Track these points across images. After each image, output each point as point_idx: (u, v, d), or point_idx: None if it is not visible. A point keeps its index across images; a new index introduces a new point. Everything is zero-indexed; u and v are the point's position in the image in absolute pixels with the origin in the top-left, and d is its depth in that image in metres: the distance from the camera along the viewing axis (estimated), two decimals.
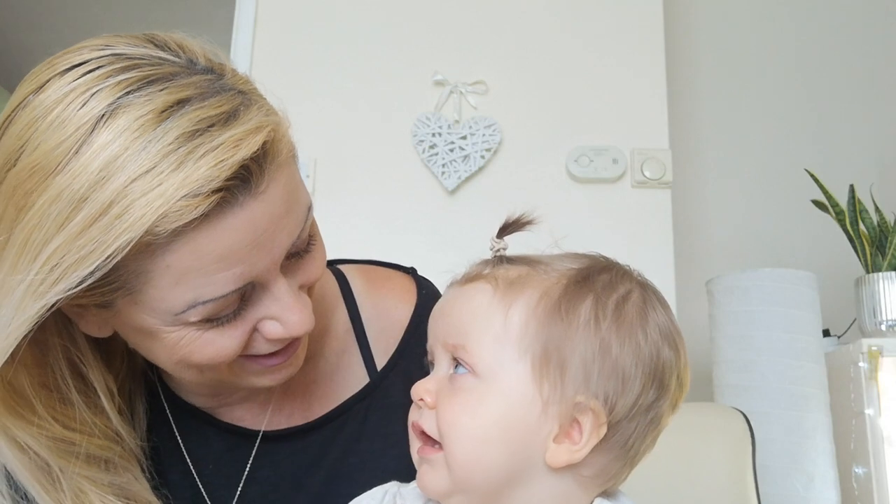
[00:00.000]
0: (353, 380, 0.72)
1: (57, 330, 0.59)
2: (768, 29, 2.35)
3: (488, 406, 0.53)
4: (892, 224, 1.77)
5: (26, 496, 0.61)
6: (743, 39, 2.34)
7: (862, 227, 1.79)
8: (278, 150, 0.54)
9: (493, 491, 0.53)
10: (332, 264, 0.77)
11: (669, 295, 1.81)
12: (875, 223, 1.79)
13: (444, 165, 1.87)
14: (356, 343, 0.73)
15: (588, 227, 1.85)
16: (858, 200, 1.80)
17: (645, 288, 0.58)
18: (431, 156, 1.88)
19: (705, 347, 1.75)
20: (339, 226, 1.80)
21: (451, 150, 1.88)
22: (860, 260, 1.80)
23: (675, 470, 1.13)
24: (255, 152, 0.51)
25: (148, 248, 0.49)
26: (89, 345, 0.62)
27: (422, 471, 0.55)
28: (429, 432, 0.54)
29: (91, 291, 0.51)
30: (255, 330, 0.57)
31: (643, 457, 0.58)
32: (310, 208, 0.58)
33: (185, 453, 0.69)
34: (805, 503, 1.47)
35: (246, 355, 0.58)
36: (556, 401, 0.52)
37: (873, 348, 1.63)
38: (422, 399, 0.55)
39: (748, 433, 1.18)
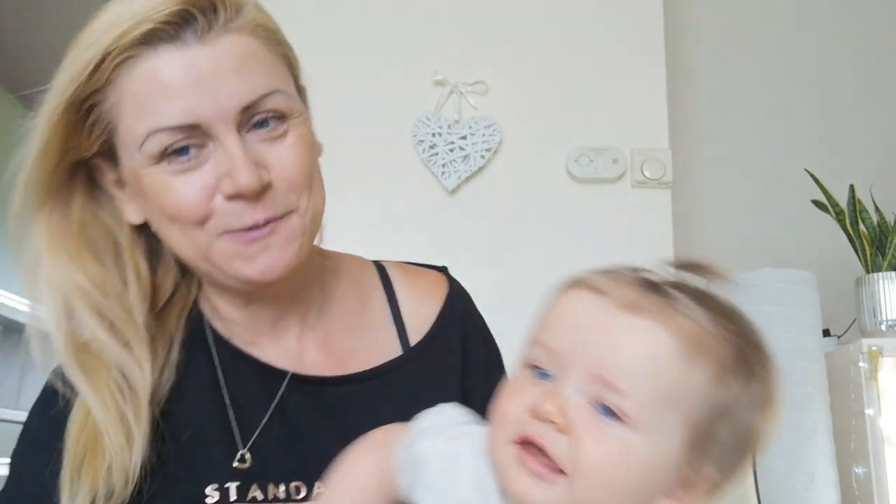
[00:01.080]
0: (388, 350, 0.78)
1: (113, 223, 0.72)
2: (768, 29, 2.35)
3: (635, 460, 0.50)
4: (892, 224, 1.77)
5: None
6: (743, 39, 2.34)
7: (862, 227, 1.79)
8: (241, 22, 0.66)
9: None
10: (373, 263, 0.87)
11: None
12: (875, 223, 1.79)
13: (444, 165, 1.87)
14: (392, 321, 0.80)
15: (588, 227, 1.85)
16: (858, 200, 1.80)
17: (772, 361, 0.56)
18: (431, 156, 1.88)
19: None
20: (339, 225, 1.80)
21: (451, 150, 1.88)
22: (860, 260, 1.80)
23: None
24: (200, 4, 0.63)
25: (112, 71, 0.63)
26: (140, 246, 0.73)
27: (530, 483, 0.51)
28: (556, 459, 0.50)
29: (93, 132, 0.66)
30: (216, 194, 0.65)
31: None
32: (279, 92, 0.67)
33: (220, 379, 0.73)
34: (805, 503, 1.47)
35: (225, 232, 0.65)
36: (692, 468, 0.52)
37: (873, 348, 1.63)
38: (550, 420, 0.51)
39: None
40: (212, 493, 0.68)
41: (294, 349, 0.77)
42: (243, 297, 0.74)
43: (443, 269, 0.87)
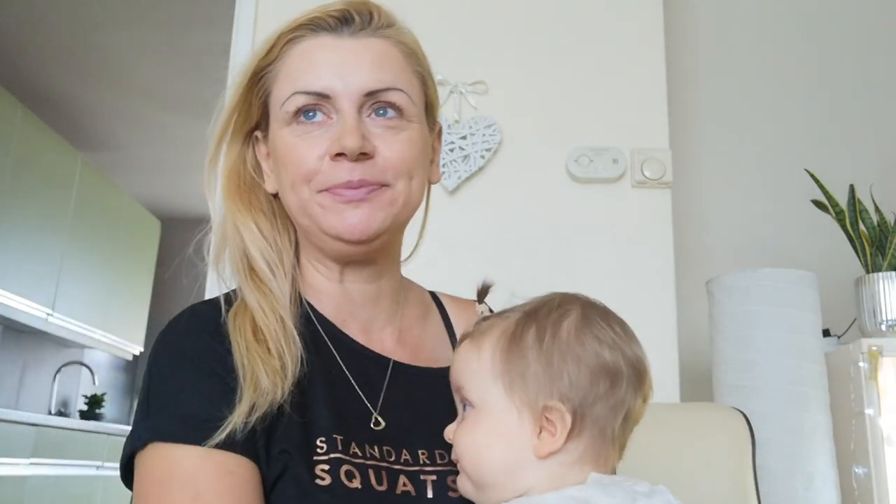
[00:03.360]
0: (446, 357, 0.87)
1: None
2: (768, 29, 2.35)
3: (482, 424, 0.71)
4: (892, 224, 1.77)
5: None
6: (743, 39, 2.34)
7: (862, 227, 1.79)
8: (389, 32, 0.81)
9: (500, 483, 0.69)
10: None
11: (669, 295, 1.81)
12: (875, 223, 1.79)
13: (444, 165, 1.87)
14: (446, 333, 0.92)
15: (588, 227, 1.85)
16: (858, 200, 1.80)
17: (586, 308, 0.73)
18: None
19: (705, 347, 1.75)
20: None
21: (451, 150, 1.88)
22: (860, 260, 1.80)
23: (675, 470, 1.13)
24: (360, 10, 0.79)
25: (282, 49, 0.80)
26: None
27: (458, 478, 0.74)
28: (453, 458, 0.74)
29: (258, 97, 0.82)
30: (326, 156, 0.76)
31: (627, 438, 0.73)
32: (401, 91, 0.79)
33: (330, 346, 0.81)
34: (805, 503, 1.47)
35: (324, 189, 0.76)
36: (526, 407, 0.69)
37: (873, 348, 1.63)
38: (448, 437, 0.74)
39: (748, 433, 1.18)
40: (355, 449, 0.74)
41: (376, 336, 0.85)
42: (337, 269, 0.83)
43: (477, 299, 0.94)
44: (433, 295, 0.96)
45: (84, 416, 4.70)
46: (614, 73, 1.95)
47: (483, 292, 0.84)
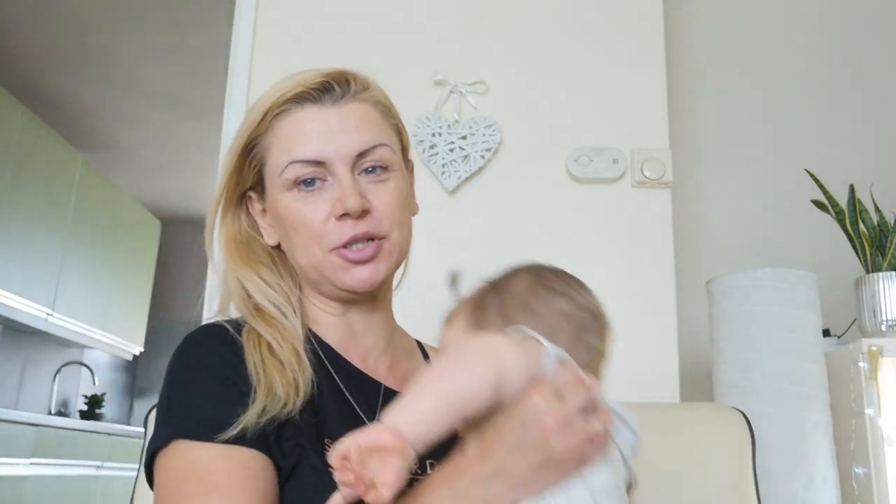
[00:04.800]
0: None
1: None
2: (768, 29, 2.35)
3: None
4: (892, 224, 1.77)
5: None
6: (743, 39, 2.34)
7: (862, 227, 1.79)
8: (365, 95, 0.90)
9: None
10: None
11: (669, 295, 1.81)
12: (875, 223, 1.79)
13: (444, 165, 1.87)
14: None
15: (588, 227, 1.85)
16: (858, 200, 1.80)
17: (539, 267, 0.79)
18: (431, 156, 1.88)
19: (705, 347, 1.75)
20: None
21: (451, 150, 1.88)
22: (860, 260, 1.80)
23: (675, 470, 1.13)
24: (338, 79, 0.89)
25: (271, 121, 0.87)
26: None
27: None
28: None
29: (251, 166, 0.90)
30: (331, 217, 0.85)
31: (598, 376, 0.74)
32: (384, 146, 0.88)
33: (329, 367, 0.88)
34: (805, 503, 1.47)
35: (335, 248, 0.85)
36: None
37: (873, 348, 1.63)
38: None
39: (748, 433, 1.18)
40: None
41: (372, 364, 0.93)
42: (339, 306, 0.92)
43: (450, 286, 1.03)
44: (417, 342, 1.05)
45: (84, 416, 4.70)
46: (614, 73, 1.95)
47: (453, 281, 0.86)
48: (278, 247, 0.93)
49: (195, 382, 0.80)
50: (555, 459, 0.63)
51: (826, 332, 1.82)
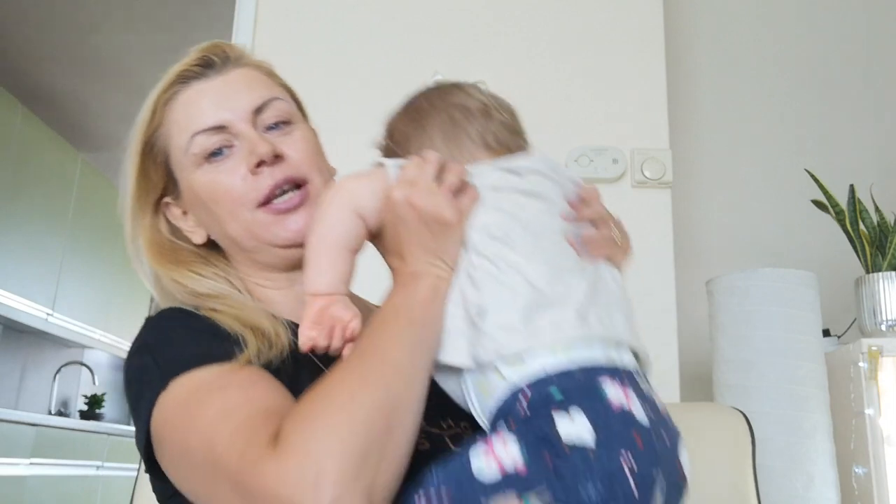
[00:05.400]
0: None
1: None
2: (768, 29, 2.35)
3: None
4: (892, 224, 1.77)
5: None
6: (743, 39, 2.34)
7: (862, 227, 1.79)
8: (245, 61, 0.91)
9: None
10: None
11: (669, 295, 1.81)
12: (875, 223, 1.79)
13: None
14: None
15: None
16: (858, 200, 1.80)
17: (444, 83, 0.87)
18: None
19: (705, 347, 1.75)
20: None
21: None
22: (860, 260, 1.80)
23: None
24: (215, 52, 0.89)
25: (163, 111, 0.87)
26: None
27: None
28: None
29: (157, 162, 0.88)
30: (247, 174, 0.84)
31: (507, 140, 0.83)
32: (279, 99, 0.90)
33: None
34: (805, 503, 1.47)
35: (263, 205, 0.84)
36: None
37: (873, 348, 1.63)
38: None
39: (748, 433, 1.18)
40: None
41: None
42: (284, 277, 0.89)
43: None
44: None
45: (84, 416, 4.69)
46: (614, 73, 1.95)
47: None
48: (210, 245, 0.91)
49: (178, 335, 0.76)
50: (440, 221, 0.70)
51: (826, 332, 1.82)
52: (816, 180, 1.84)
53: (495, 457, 0.59)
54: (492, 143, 0.81)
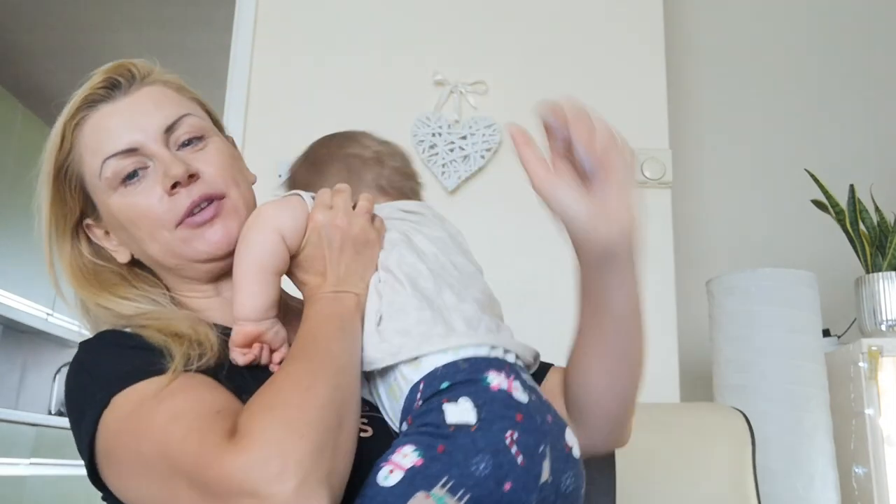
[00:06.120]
0: None
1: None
2: (768, 29, 2.35)
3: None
4: (892, 224, 1.77)
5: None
6: (743, 39, 2.34)
7: (862, 227, 1.79)
8: (152, 78, 0.91)
9: None
10: None
11: (669, 295, 1.81)
12: (875, 223, 1.79)
13: (444, 165, 1.87)
14: None
15: None
16: (858, 200, 1.80)
17: (339, 134, 0.94)
18: (431, 156, 1.88)
19: (705, 347, 1.75)
20: None
21: (451, 150, 1.88)
22: (860, 260, 1.80)
23: (675, 470, 1.13)
24: (120, 72, 0.90)
25: (72, 135, 0.87)
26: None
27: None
28: None
29: (72, 189, 0.88)
30: (164, 196, 0.83)
31: (405, 185, 0.92)
32: (190, 115, 0.88)
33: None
34: (805, 503, 1.47)
35: (181, 223, 0.84)
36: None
37: (873, 348, 1.63)
38: None
39: (748, 433, 1.18)
40: None
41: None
42: (211, 287, 0.90)
43: None
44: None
45: None
46: (614, 73, 1.95)
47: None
48: (135, 262, 0.91)
49: (108, 357, 0.77)
50: (360, 240, 0.79)
51: (826, 332, 1.82)
52: (816, 180, 1.84)
53: (395, 465, 0.64)
54: (386, 187, 0.90)
